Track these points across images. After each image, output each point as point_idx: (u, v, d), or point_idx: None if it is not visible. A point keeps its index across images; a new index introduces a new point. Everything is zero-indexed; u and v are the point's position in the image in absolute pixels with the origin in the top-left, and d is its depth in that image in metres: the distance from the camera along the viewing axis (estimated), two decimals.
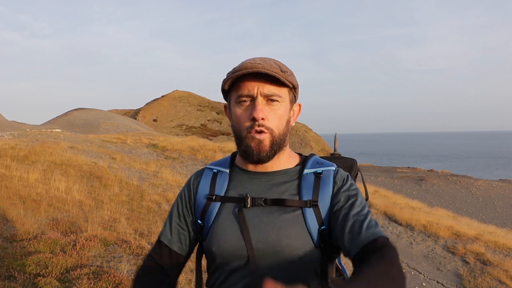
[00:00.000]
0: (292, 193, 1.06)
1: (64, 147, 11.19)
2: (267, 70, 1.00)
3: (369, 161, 43.90)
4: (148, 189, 8.52)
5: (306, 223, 1.02)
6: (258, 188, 1.08)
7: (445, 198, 20.68)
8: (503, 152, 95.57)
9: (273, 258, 1.01)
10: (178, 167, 12.34)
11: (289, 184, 1.08)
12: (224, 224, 1.05)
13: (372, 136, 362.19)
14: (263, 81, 1.02)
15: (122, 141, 15.36)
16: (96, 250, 4.07)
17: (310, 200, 1.04)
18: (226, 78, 1.06)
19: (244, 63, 1.03)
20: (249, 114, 1.03)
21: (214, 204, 1.08)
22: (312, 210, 1.03)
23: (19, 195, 5.77)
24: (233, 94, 1.07)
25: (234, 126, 1.09)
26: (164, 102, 57.92)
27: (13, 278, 3.18)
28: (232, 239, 1.03)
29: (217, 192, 1.10)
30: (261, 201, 1.05)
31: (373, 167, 29.82)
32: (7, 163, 7.86)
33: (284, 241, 1.00)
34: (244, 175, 1.11)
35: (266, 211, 1.04)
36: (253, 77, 1.02)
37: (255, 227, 1.03)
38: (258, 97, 1.02)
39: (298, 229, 1.02)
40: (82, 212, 5.73)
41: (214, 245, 1.04)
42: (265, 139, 1.03)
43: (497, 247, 8.55)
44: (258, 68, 0.99)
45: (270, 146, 1.04)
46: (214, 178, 1.13)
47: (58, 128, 21.34)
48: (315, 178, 1.08)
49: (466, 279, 6.95)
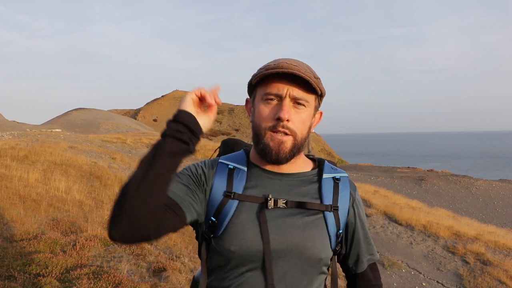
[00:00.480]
0: (314, 196, 1.08)
1: (64, 147, 11.19)
2: (302, 74, 0.99)
3: (369, 161, 43.91)
4: None
5: (327, 227, 1.06)
6: (280, 189, 1.07)
7: (445, 198, 20.68)
8: (503, 152, 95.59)
9: (294, 259, 1.02)
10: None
11: (309, 187, 1.09)
12: (245, 224, 1.01)
13: (372, 136, 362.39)
14: (294, 83, 1.01)
15: (122, 141, 15.36)
16: (96, 250, 4.07)
17: (331, 205, 1.07)
18: (257, 73, 1.04)
19: (279, 62, 1.02)
20: (274, 113, 1.01)
21: (231, 202, 1.04)
22: (332, 214, 1.07)
23: (19, 195, 5.77)
24: (260, 90, 1.05)
25: (255, 122, 1.06)
26: (164, 102, 57.92)
27: (13, 278, 3.18)
28: (255, 240, 1.00)
29: (235, 190, 1.05)
30: (283, 202, 1.04)
31: (373, 167, 29.81)
32: (7, 163, 7.86)
33: (309, 242, 1.02)
34: (264, 174, 1.09)
35: (287, 213, 1.04)
36: (284, 78, 1.01)
37: (278, 228, 1.02)
38: (287, 98, 1.01)
39: (320, 231, 1.05)
40: (82, 212, 5.73)
41: (234, 244, 1.00)
42: (287, 141, 1.02)
43: (497, 247, 8.55)
44: (293, 70, 0.99)
45: (291, 149, 1.03)
46: (231, 174, 1.08)
47: (58, 128, 21.34)
48: (334, 184, 1.11)
49: (466, 279, 6.95)
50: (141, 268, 3.85)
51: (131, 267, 3.82)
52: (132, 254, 4.14)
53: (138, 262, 3.97)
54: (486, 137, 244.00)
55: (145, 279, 3.64)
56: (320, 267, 1.06)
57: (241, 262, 1.01)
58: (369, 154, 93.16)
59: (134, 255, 4.13)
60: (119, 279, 3.32)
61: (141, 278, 3.65)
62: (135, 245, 4.34)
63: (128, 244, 1.08)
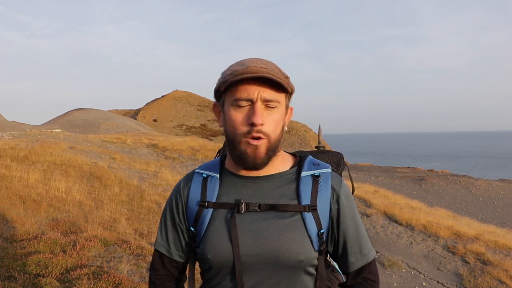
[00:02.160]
0: (290, 197, 1.05)
1: (64, 147, 11.19)
2: (273, 76, 0.97)
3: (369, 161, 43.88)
4: (148, 189, 8.52)
5: (306, 228, 1.02)
6: (253, 193, 1.05)
7: (445, 198, 20.68)
8: (503, 152, 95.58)
9: (271, 263, 1.00)
10: (178, 167, 12.35)
11: (285, 188, 1.06)
12: (218, 231, 1.03)
13: (372, 136, 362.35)
14: (264, 85, 0.98)
15: (122, 141, 15.36)
16: (96, 250, 4.07)
17: (309, 205, 1.04)
18: (224, 79, 1.01)
19: (247, 65, 0.99)
20: (247, 119, 0.99)
21: (206, 210, 1.06)
22: (311, 214, 1.03)
23: (19, 195, 5.77)
24: (229, 95, 1.02)
25: (228, 129, 1.04)
26: (164, 102, 57.92)
27: (13, 278, 3.18)
28: (227, 246, 1.01)
29: (208, 198, 1.07)
30: (255, 206, 1.03)
31: (373, 167, 29.81)
32: (7, 163, 7.86)
33: (285, 245, 1.00)
34: (237, 180, 1.08)
35: (262, 217, 1.03)
36: (254, 81, 0.98)
37: (253, 233, 1.01)
38: (258, 102, 0.99)
39: (298, 234, 1.02)
40: (82, 212, 5.73)
41: (209, 252, 1.03)
42: (261, 145, 1.00)
43: (497, 247, 8.55)
44: (263, 73, 0.96)
45: (266, 153, 1.01)
46: (204, 183, 1.09)
47: (58, 128, 21.35)
48: (312, 181, 1.07)
49: (466, 279, 6.95)
50: (141, 268, 3.85)
51: (131, 267, 3.82)
52: (132, 255, 4.14)
53: (138, 262, 3.97)
54: (486, 137, 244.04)
55: (145, 279, 3.64)
56: (300, 269, 1.02)
57: (218, 268, 1.04)
58: (369, 154, 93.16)
59: (134, 255, 4.13)
60: (119, 279, 3.32)
61: (141, 278, 3.65)
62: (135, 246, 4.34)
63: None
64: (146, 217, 6.49)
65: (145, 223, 6.05)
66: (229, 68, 1.03)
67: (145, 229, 5.66)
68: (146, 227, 5.83)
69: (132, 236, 5.04)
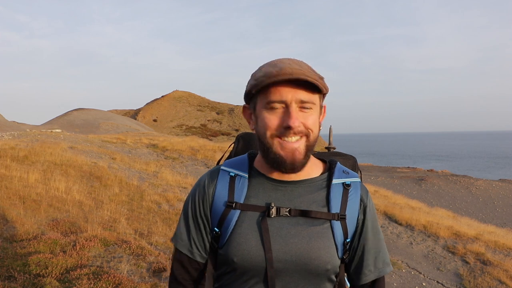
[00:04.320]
0: (321, 204, 1.03)
1: (64, 147, 11.19)
2: (309, 78, 0.94)
3: (369, 161, 43.89)
4: (148, 189, 8.52)
5: (334, 236, 1.02)
6: (283, 197, 1.03)
7: (445, 198, 20.68)
8: (503, 152, 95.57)
9: (299, 270, 0.99)
10: (178, 167, 12.35)
11: (316, 195, 1.04)
12: (247, 234, 1.00)
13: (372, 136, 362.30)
14: (299, 87, 0.95)
15: (122, 141, 15.36)
16: (96, 250, 4.07)
17: (338, 213, 1.02)
18: (257, 81, 0.97)
19: (281, 67, 0.95)
20: (281, 122, 0.96)
21: (233, 211, 1.02)
22: (339, 223, 1.03)
23: (19, 195, 5.77)
24: (262, 98, 0.98)
25: (260, 131, 1.00)
26: (164, 102, 57.92)
27: (13, 278, 3.18)
28: (256, 250, 0.98)
29: (236, 199, 1.03)
30: (286, 211, 1.00)
31: (373, 167, 29.82)
32: (7, 163, 7.86)
33: (314, 253, 0.99)
34: (267, 182, 1.05)
35: (292, 222, 1.01)
36: (287, 82, 0.95)
37: (282, 238, 0.99)
38: (293, 105, 0.96)
39: (326, 242, 1.01)
40: (82, 212, 5.73)
41: (236, 255, 0.99)
42: (300, 147, 0.98)
43: (497, 247, 8.55)
44: (298, 74, 0.93)
45: (305, 153, 0.99)
46: (232, 183, 1.05)
47: (58, 128, 21.35)
48: (343, 190, 1.05)
49: (466, 279, 6.95)
50: (141, 268, 3.85)
51: (131, 267, 3.82)
52: (132, 255, 4.14)
53: (138, 262, 3.97)
54: (486, 137, 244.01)
55: (145, 279, 3.64)
56: (326, 277, 1.02)
57: (244, 271, 1.00)
58: (369, 154, 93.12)
59: (134, 255, 4.13)
60: (119, 279, 3.32)
61: (141, 278, 3.65)
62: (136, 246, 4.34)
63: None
64: (146, 217, 6.49)
65: (145, 223, 6.05)
66: (261, 69, 0.99)
67: (145, 229, 5.66)
68: (146, 227, 5.83)
69: (132, 236, 5.04)
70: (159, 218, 6.53)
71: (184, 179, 10.31)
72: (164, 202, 7.73)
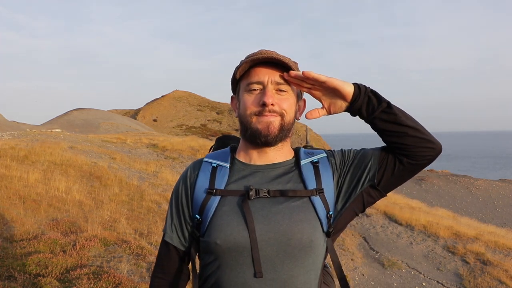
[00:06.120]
0: (297, 183, 1.08)
1: (64, 147, 11.19)
2: (280, 57, 1.04)
3: None
4: (148, 189, 8.52)
5: (315, 210, 1.05)
6: (262, 180, 1.08)
7: (445, 198, 20.68)
8: (503, 152, 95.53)
9: (283, 246, 1.01)
10: (178, 167, 12.35)
11: (290, 175, 1.10)
12: (228, 216, 1.03)
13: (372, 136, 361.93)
14: (275, 69, 1.06)
15: (122, 141, 15.36)
16: (96, 250, 4.07)
17: (316, 189, 1.06)
18: (239, 65, 1.08)
19: (260, 51, 1.06)
20: (258, 100, 1.05)
21: (213, 198, 1.06)
22: (319, 198, 1.06)
23: (19, 195, 5.76)
24: (243, 82, 1.09)
25: (241, 112, 1.10)
26: (164, 102, 57.91)
27: (13, 278, 3.18)
28: (239, 230, 1.01)
29: (217, 186, 1.08)
30: (265, 192, 1.05)
31: None
32: (7, 163, 7.85)
33: (296, 226, 1.01)
34: (246, 169, 1.11)
35: (272, 202, 1.04)
36: (265, 66, 1.06)
37: (264, 217, 1.02)
38: (269, 85, 1.05)
39: (308, 214, 1.04)
40: (82, 212, 5.73)
41: (219, 237, 1.02)
42: (274, 121, 1.05)
43: (497, 247, 8.55)
44: (273, 55, 1.03)
45: (279, 129, 1.06)
46: (213, 172, 1.11)
47: (58, 128, 21.34)
48: (313, 167, 1.11)
49: (466, 279, 6.95)
50: (141, 268, 3.85)
51: (131, 267, 3.82)
52: (132, 254, 4.14)
53: (138, 262, 3.97)
54: (486, 137, 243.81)
55: (145, 279, 3.64)
56: (311, 251, 1.02)
57: (228, 253, 1.02)
58: None
59: (134, 255, 4.13)
60: (119, 279, 3.32)
61: (141, 278, 3.65)
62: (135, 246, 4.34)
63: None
64: (146, 217, 6.49)
65: (145, 223, 6.05)
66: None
67: (145, 229, 5.65)
68: (146, 227, 5.82)
69: (132, 236, 5.03)
70: (159, 218, 6.53)
71: None
72: (164, 202, 7.73)
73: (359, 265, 7.11)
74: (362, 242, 8.48)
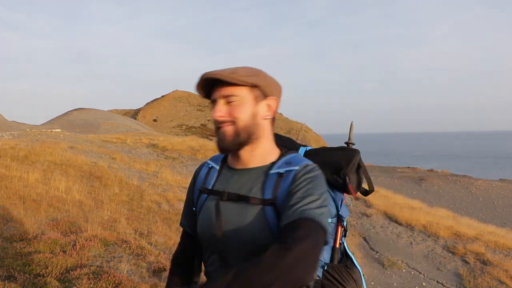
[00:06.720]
0: (258, 191, 1.16)
1: (64, 147, 11.19)
2: (212, 75, 1.13)
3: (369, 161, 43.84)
4: (148, 189, 8.52)
5: (266, 219, 1.12)
6: (235, 184, 1.20)
7: (445, 198, 20.68)
8: (503, 152, 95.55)
9: (241, 244, 1.14)
10: (178, 167, 12.35)
11: (256, 182, 1.18)
12: (206, 214, 1.22)
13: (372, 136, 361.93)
14: (221, 85, 1.15)
15: (122, 141, 15.36)
16: (96, 250, 4.07)
17: (269, 199, 1.14)
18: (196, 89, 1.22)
19: (203, 74, 1.17)
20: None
21: (203, 195, 1.26)
22: (271, 208, 1.13)
23: (19, 195, 5.76)
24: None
25: None
26: (164, 102, 57.93)
27: (13, 278, 3.18)
28: (209, 227, 1.20)
29: (207, 185, 1.26)
30: (234, 195, 1.18)
31: (373, 167, 29.78)
32: (7, 163, 7.86)
33: (249, 231, 1.13)
34: (229, 171, 1.25)
35: (237, 205, 1.17)
36: (216, 83, 1.16)
37: (228, 216, 1.17)
38: (218, 100, 1.16)
39: (258, 223, 1.13)
40: (82, 212, 5.73)
41: (199, 230, 1.24)
42: (227, 130, 1.16)
43: (497, 247, 8.55)
44: (207, 75, 1.14)
45: (234, 135, 1.15)
46: (208, 173, 1.29)
47: (58, 128, 21.35)
48: (277, 178, 1.16)
49: (466, 279, 6.96)
50: (141, 268, 3.85)
51: (131, 267, 3.82)
52: (132, 254, 4.14)
53: (138, 262, 3.97)
54: (486, 137, 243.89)
55: (145, 279, 3.64)
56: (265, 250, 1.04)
57: (205, 244, 1.24)
58: (369, 154, 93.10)
59: (134, 255, 4.13)
60: (119, 279, 3.32)
61: (141, 278, 3.65)
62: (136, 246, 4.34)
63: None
64: (146, 217, 6.49)
65: (145, 223, 6.05)
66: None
67: (145, 229, 5.66)
68: (146, 227, 5.83)
69: (132, 236, 5.04)
70: (159, 218, 6.54)
71: (184, 179, 10.31)
72: (164, 202, 7.74)
73: (359, 265, 7.12)
74: (362, 242, 8.48)
